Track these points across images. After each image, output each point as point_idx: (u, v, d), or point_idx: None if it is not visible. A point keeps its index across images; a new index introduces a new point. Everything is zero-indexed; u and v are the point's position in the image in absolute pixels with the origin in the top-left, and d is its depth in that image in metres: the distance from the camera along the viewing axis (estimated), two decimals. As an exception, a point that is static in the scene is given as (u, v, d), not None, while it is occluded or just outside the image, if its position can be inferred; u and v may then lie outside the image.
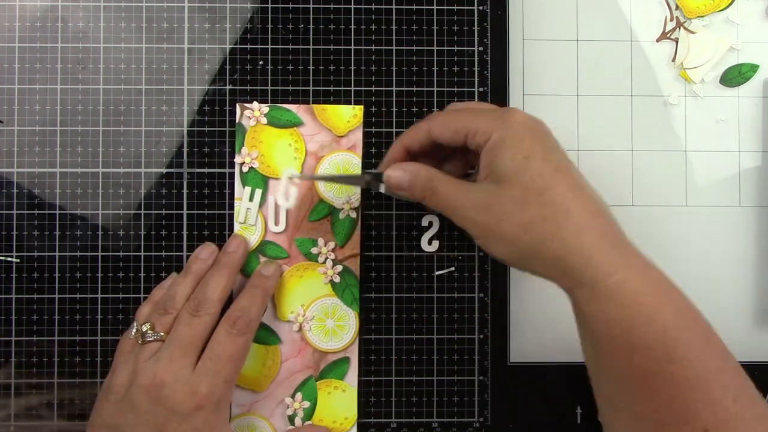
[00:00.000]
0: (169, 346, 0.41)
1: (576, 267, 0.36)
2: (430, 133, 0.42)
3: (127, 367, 0.41)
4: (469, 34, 0.49)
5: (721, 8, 0.51)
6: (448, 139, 0.41)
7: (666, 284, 0.37)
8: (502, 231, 0.37)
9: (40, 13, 0.48)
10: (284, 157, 0.48)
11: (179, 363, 0.40)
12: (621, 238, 0.38)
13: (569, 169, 0.39)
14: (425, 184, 0.40)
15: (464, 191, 0.39)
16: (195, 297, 0.43)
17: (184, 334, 0.41)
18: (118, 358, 0.43)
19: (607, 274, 0.35)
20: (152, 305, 0.44)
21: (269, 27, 0.49)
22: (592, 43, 0.51)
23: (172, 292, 0.44)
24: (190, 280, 0.45)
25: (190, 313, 0.42)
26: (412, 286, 0.49)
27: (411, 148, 0.43)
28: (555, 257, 0.36)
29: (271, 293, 0.47)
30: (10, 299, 0.48)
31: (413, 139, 0.43)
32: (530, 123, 0.39)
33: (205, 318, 0.42)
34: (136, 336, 0.42)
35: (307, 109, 0.49)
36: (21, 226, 0.48)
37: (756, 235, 0.51)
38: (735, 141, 0.51)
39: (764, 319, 0.50)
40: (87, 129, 0.48)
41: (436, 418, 0.49)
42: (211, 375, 0.40)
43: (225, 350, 0.41)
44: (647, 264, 0.37)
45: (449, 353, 0.49)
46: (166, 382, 0.39)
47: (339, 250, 0.48)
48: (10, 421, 0.48)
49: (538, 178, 0.37)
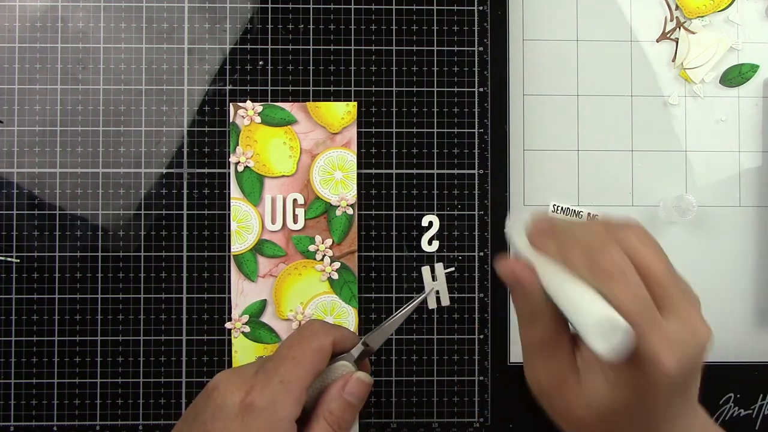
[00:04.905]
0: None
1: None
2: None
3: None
4: (469, 34, 0.49)
5: (721, 8, 0.51)
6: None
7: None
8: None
9: (40, 13, 0.48)
10: (279, 156, 0.48)
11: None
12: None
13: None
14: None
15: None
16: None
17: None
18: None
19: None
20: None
21: (269, 27, 0.49)
22: (592, 43, 0.51)
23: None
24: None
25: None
26: (412, 286, 0.49)
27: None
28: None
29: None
30: (10, 299, 0.48)
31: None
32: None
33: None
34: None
35: (301, 106, 0.49)
36: (21, 226, 0.48)
37: (756, 235, 0.51)
38: (735, 141, 0.51)
39: (764, 319, 0.50)
40: (87, 129, 0.48)
41: (436, 418, 0.49)
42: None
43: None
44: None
45: (449, 353, 0.49)
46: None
47: (336, 247, 0.48)
48: (10, 421, 0.48)
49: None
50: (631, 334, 0.29)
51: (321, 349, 0.37)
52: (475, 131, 0.49)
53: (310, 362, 0.36)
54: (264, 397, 0.35)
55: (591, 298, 0.30)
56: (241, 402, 0.35)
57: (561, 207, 0.50)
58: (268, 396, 0.35)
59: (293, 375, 0.36)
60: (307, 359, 0.36)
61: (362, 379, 0.38)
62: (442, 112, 0.49)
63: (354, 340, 0.39)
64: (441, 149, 0.49)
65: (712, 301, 0.51)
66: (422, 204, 0.49)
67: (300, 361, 0.36)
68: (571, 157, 0.51)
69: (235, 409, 0.35)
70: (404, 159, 0.49)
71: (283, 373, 0.36)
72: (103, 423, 0.48)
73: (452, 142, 0.49)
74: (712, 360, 0.50)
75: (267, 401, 0.35)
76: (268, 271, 0.48)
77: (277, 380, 0.35)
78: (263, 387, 0.35)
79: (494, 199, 0.49)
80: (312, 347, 0.37)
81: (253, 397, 0.35)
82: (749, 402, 0.49)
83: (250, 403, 0.35)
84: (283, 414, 0.35)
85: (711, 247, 0.51)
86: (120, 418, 0.48)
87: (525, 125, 0.51)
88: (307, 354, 0.36)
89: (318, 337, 0.37)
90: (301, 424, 0.36)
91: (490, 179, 0.49)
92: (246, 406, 0.35)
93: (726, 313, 0.50)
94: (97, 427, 0.48)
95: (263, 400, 0.35)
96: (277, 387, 0.35)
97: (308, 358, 0.36)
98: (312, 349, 0.37)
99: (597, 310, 0.29)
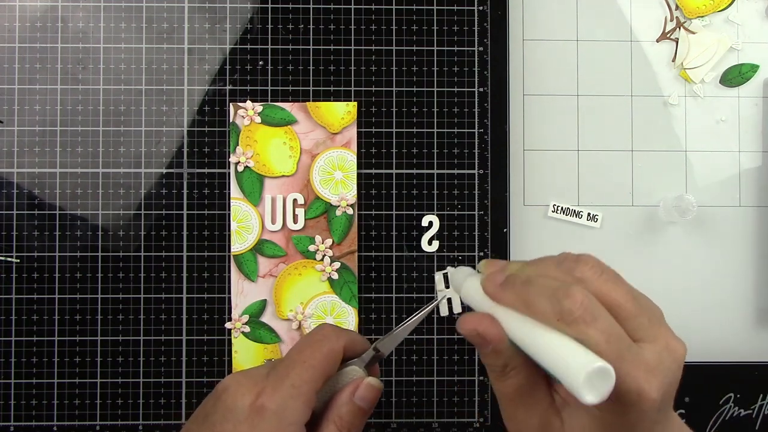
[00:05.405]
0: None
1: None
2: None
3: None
4: (469, 34, 0.49)
5: (721, 8, 0.51)
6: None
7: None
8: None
9: (40, 14, 0.49)
10: (279, 156, 0.48)
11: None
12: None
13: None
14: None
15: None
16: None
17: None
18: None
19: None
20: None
21: (269, 27, 0.49)
22: (592, 43, 0.51)
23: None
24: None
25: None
26: (412, 286, 0.49)
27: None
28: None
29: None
30: (10, 299, 0.48)
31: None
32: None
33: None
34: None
35: (301, 106, 0.49)
36: (21, 226, 0.48)
37: (756, 235, 0.51)
38: (735, 141, 0.51)
39: (764, 319, 0.50)
40: (87, 129, 0.48)
41: (436, 418, 0.49)
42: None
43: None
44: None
45: (449, 353, 0.49)
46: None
47: (336, 247, 0.48)
48: (10, 421, 0.48)
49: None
50: (614, 376, 0.29)
51: (332, 353, 0.36)
52: (475, 131, 0.49)
53: (320, 366, 0.36)
54: (274, 401, 0.34)
55: (567, 347, 0.29)
56: (252, 405, 0.34)
57: (561, 207, 0.50)
58: (278, 399, 0.34)
59: (303, 379, 0.35)
60: (317, 363, 0.36)
61: (373, 385, 0.37)
62: (442, 112, 0.49)
63: (365, 345, 0.39)
64: (441, 149, 0.49)
65: (712, 301, 0.51)
66: (422, 204, 0.49)
67: (311, 365, 0.36)
68: (571, 157, 0.51)
69: (245, 411, 0.34)
70: (404, 159, 0.49)
71: (293, 377, 0.35)
72: (103, 423, 0.48)
73: (452, 142, 0.49)
74: (712, 360, 0.50)
75: (277, 405, 0.34)
76: (268, 271, 0.48)
77: (288, 384, 0.35)
78: (274, 390, 0.35)
79: (494, 199, 0.49)
80: (323, 351, 0.36)
81: (263, 400, 0.34)
82: (749, 402, 0.49)
83: (261, 406, 0.34)
84: (293, 418, 0.35)
85: (711, 247, 0.51)
86: (120, 418, 0.48)
87: (525, 125, 0.51)
88: (317, 358, 0.36)
89: (329, 341, 0.37)
90: (311, 428, 0.36)
91: (490, 179, 0.49)
92: (256, 409, 0.34)
93: (726, 313, 0.50)
94: (97, 427, 0.48)
95: (273, 404, 0.34)
96: (287, 390, 0.35)
97: (319, 363, 0.36)
98: (323, 353, 0.36)
99: (581, 362, 0.28)
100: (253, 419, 0.34)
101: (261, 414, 0.34)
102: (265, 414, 0.34)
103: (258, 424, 0.34)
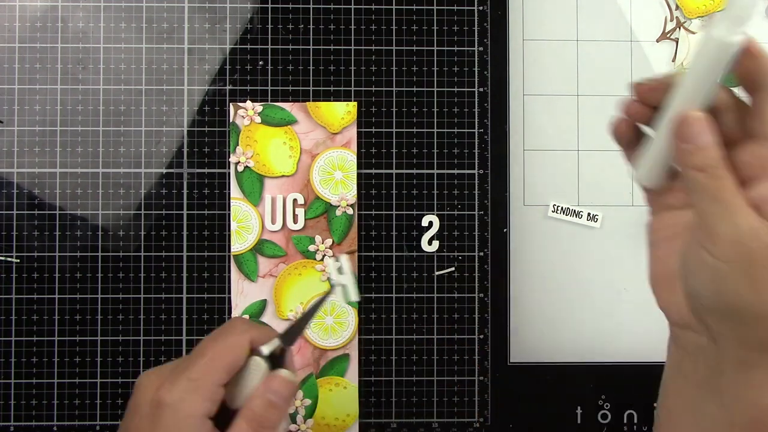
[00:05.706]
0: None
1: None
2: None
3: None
4: (469, 34, 0.49)
5: (721, 8, 0.51)
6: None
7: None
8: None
9: (40, 14, 0.49)
10: (279, 156, 0.48)
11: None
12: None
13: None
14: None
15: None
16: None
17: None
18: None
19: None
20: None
21: (269, 27, 0.49)
22: (592, 43, 0.51)
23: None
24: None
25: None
26: (412, 286, 0.49)
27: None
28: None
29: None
30: (10, 299, 0.48)
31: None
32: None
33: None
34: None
35: (301, 106, 0.49)
36: (21, 226, 0.48)
37: (756, 235, 0.51)
38: (735, 141, 0.51)
39: (764, 319, 0.50)
40: (87, 129, 0.48)
41: (436, 418, 0.49)
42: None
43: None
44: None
45: (449, 353, 0.49)
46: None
47: (336, 247, 0.48)
48: (10, 421, 0.48)
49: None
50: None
51: (235, 346, 0.37)
52: (475, 131, 0.49)
53: (220, 359, 0.36)
54: (171, 395, 0.35)
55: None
56: (152, 400, 0.35)
57: (561, 207, 0.50)
58: (175, 393, 0.35)
59: (202, 372, 0.36)
60: (218, 356, 0.36)
61: (285, 378, 0.37)
62: (442, 112, 0.49)
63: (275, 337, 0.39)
64: (441, 149, 0.49)
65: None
66: (422, 204, 0.49)
67: (211, 357, 0.36)
68: (571, 157, 0.51)
69: (147, 406, 0.35)
70: (404, 159, 0.49)
71: (193, 371, 0.36)
72: (103, 423, 0.48)
73: (452, 142, 0.49)
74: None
75: (174, 398, 0.35)
76: (268, 271, 0.48)
77: (185, 377, 0.36)
78: (171, 384, 0.35)
79: (494, 199, 0.49)
80: (225, 344, 0.37)
81: (161, 394, 0.35)
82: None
83: (159, 400, 0.35)
84: (189, 411, 0.35)
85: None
86: (120, 418, 0.48)
87: (525, 125, 0.51)
88: (218, 351, 0.36)
89: (233, 334, 0.37)
90: (228, 424, 0.36)
91: (490, 179, 0.49)
92: (155, 404, 0.35)
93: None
94: (97, 427, 0.48)
95: (170, 397, 0.35)
96: (184, 384, 0.35)
97: (219, 355, 0.36)
98: (224, 346, 0.37)
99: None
100: (152, 414, 0.35)
101: (160, 408, 0.35)
102: (162, 407, 0.35)
103: (157, 417, 0.35)
